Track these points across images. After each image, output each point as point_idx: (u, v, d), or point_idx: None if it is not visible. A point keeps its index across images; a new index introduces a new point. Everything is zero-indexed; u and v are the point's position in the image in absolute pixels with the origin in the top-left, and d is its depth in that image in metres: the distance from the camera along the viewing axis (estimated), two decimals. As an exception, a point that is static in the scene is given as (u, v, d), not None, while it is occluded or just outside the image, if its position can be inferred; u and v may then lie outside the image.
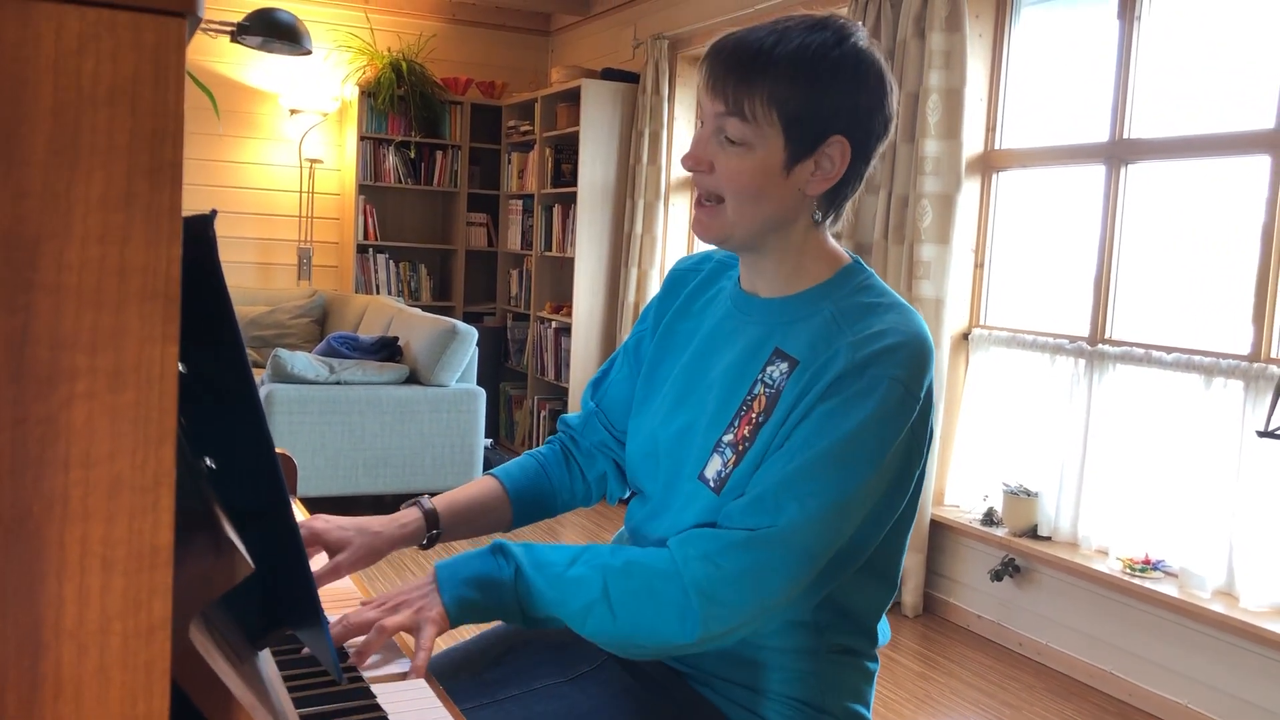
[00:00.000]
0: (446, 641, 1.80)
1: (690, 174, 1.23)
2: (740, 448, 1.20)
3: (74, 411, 0.53)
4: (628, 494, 1.45)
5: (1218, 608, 2.91)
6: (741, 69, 1.15)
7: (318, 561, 1.32)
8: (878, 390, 1.12)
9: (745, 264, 1.30)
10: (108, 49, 0.52)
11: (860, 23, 1.21)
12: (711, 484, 1.21)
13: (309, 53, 4.59)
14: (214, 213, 0.70)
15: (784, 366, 1.20)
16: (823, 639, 1.25)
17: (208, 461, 0.88)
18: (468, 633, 1.50)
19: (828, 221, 1.25)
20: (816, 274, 1.24)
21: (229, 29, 4.48)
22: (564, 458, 1.50)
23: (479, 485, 1.45)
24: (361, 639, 1.14)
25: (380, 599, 1.19)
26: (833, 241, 1.28)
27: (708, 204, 1.22)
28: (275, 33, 4.38)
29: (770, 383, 1.20)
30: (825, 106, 1.15)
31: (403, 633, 1.18)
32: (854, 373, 1.13)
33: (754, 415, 1.20)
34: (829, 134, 1.16)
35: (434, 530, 1.37)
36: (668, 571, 1.14)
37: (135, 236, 0.54)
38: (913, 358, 1.14)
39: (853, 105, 1.16)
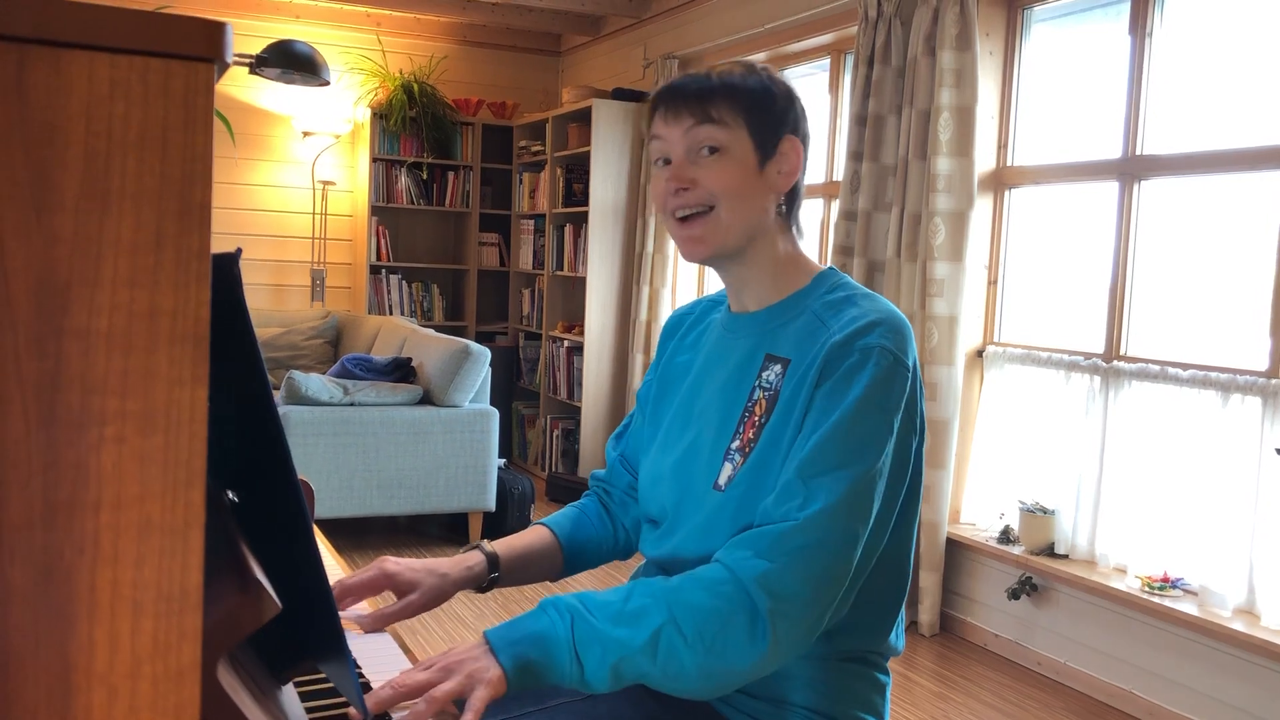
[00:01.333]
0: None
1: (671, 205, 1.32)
2: (747, 450, 1.26)
3: (104, 455, 0.54)
4: None
5: (1239, 626, 2.88)
6: (700, 88, 1.28)
7: (383, 599, 1.34)
8: (869, 360, 1.19)
9: (732, 281, 1.37)
10: (138, 95, 0.53)
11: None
12: (724, 488, 1.26)
13: (327, 83, 4.62)
14: (239, 251, 0.71)
15: (778, 368, 1.27)
16: (833, 645, 1.27)
17: (230, 495, 0.88)
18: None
19: (794, 229, 1.36)
20: (796, 281, 1.33)
21: (247, 61, 4.51)
22: (601, 508, 1.56)
23: (533, 533, 1.49)
24: (409, 707, 1.07)
25: (429, 661, 1.14)
26: (807, 253, 1.38)
27: (697, 217, 1.28)
28: (294, 65, 4.40)
29: (768, 386, 1.27)
30: (776, 111, 1.29)
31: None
32: (841, 351, 1.20)
33: (756, 418, 1.26)
34: (784, 133, 1.30)
35: (494, 573, 1.40)
36: (725, 577, 1.14)
37: (164, 280, 0.54)
38: (892, 330, 1.21)
39: (792, 109, 1.31)
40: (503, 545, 1.43)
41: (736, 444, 1.27)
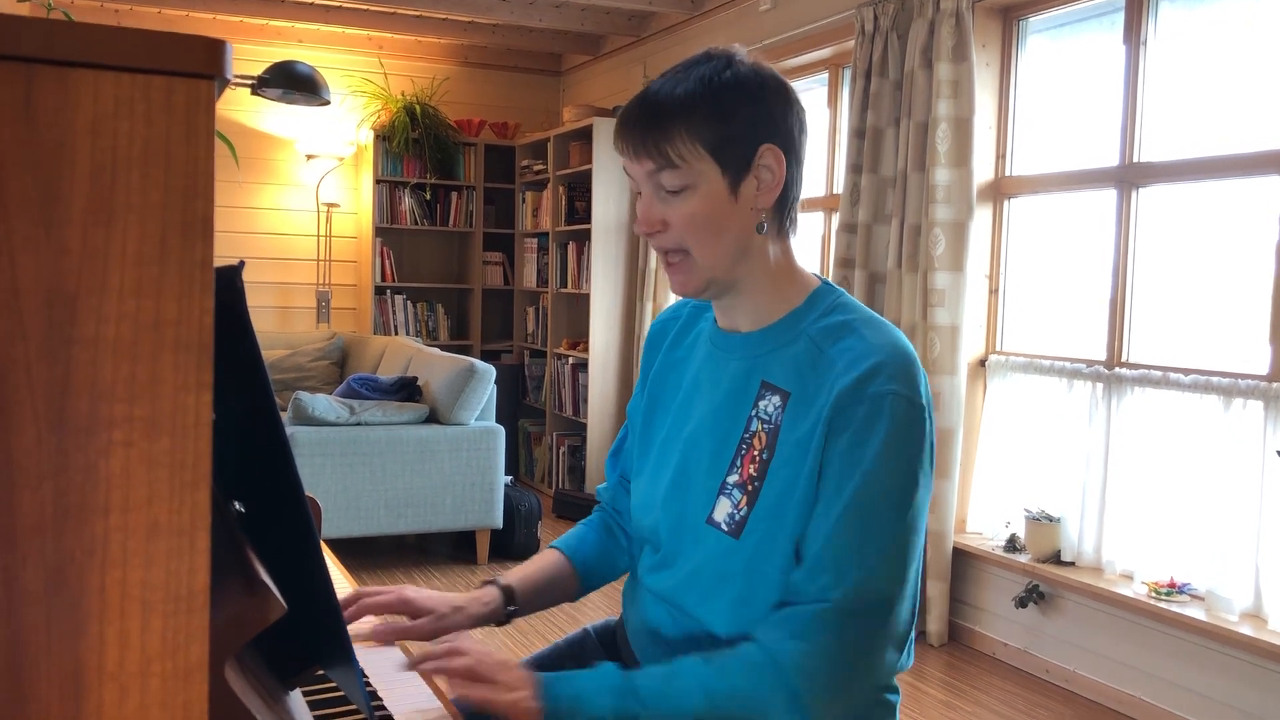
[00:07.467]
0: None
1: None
2: (749, 487, 1.20)
3: (112, 459, 0.55)
4: None
5: (1246, 630, 2.88)
6: (653, 122, 1.18)
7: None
8: (883, 410, 1.13)
9: (721, 305, 1.31)
10: (141, 111, 0.55)
11: (743, 48, 1.27)
12: (724, 527, 1.21)
13: (327, 103, 4.67)
14: (242, 263, 0.73)
15: (776, 400, 1.21)
16: None
17: (237, 505, 0.90)
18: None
19: (786, 231, 1.27)
20: (790, 299, 1.26)
21: (249, 82, 4.56)
22: (612, 525, 1.53)
23: (546, 559, 1.47)
24: (435, 662, 1.14)
25: (459, 644, 1.18)
26: (801, 264, 1.30)
27: (677, 259, 1.23)
28: (295, 85, 4.46)
29: (766, 418, 1.21)
30: (742, 123, 1.18)
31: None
32: (851, 400, 1.14)
33: (756, 453, 1.21)
34: (757, 145, 1.19)
35: (511, 607, 1.39)
36: (763, 662, 1.13)
37: (169, 290, 0.56)
38: (900, 369, 1.15)
39: (765, 113, 1.19)
40: (517, 577, 1.41)
41: (735, 479, 1.22)
